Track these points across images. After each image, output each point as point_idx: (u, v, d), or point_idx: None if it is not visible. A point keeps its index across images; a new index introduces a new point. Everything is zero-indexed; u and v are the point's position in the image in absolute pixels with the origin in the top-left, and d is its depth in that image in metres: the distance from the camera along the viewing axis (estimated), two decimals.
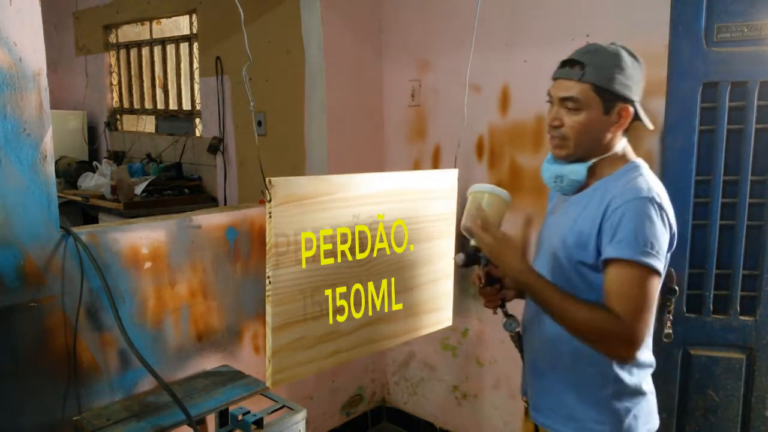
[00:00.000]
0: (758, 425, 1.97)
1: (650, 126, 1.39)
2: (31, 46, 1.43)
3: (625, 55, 1.32)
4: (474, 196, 1.50)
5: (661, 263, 1.27)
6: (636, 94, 1.34)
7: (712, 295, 1.99)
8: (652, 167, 2.13)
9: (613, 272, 1.26)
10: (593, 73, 1.29)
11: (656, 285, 1.27)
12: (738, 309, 1.97)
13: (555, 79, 1.37)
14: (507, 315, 1.47)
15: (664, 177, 2.00)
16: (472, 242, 1.50)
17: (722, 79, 1.90)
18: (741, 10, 1.86)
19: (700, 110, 1.94)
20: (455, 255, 1.50)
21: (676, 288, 1.97)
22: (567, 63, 1.34)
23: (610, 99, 1.31)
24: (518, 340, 1.49)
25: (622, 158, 1.39)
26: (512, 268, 1.32)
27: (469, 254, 1.49)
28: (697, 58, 1.91)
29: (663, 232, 1.27)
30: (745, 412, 1.98)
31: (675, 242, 1.34)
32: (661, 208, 1.28)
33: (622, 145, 1.39)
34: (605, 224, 1.28)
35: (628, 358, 1.29)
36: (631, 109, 1.34)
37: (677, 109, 1.96)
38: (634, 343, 1.25)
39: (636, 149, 2.20)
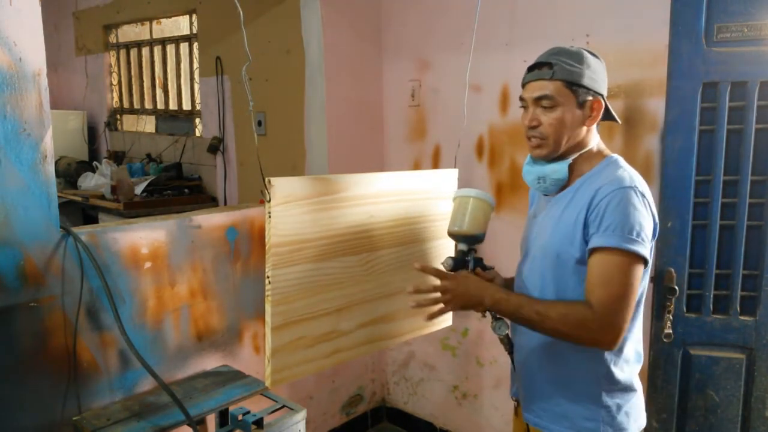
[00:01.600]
0: (758, 425, 1.97)
1: (619, 120, 1.47)
2: (31, 46, 1.43)
3: (586, 53, 1.39)
4: (460, 201, 1.52)
5: (646, 249, 1.29)
6: (604, 89, 1.40)
7: (712, 295, 1.99)
8: (651, 167, 2.15)
9: (596, 260, 1.29)
10: (562, 71, 1.35)
11: (639, 272, 1.29)
12: (738, 309, 1.97)
13: (526, 83, 1.41)
14: (495, 318, 1.47)
15: (664, 177, 2.00)
16: (460, 246, 1.50)
17: (722, 79, 1.90)
18: (741, 10, 1.86)
19: (700, 110, 1.94)
20: (443, 260, 1.51)
21: (676, 288, 1.97)
22: (535, 66, 1.39)
23: (582, 93, 1.36)
24: (507, 342, 1.49)
25: (599, 154, 1.43)
26: (487, 298, 1.38)
27: (456, 258, 1.49)
28: (697, 58, 1.91)
29: (647, 219, 1.30)
30: (745, 412, 1.98)
31: (657, 232, 1.37)
32: (643, 196, 1.31)
33: (596, 140, 1.44)
34: (590, 216, 1.31)
35: (611, 345, 1.29)
36: (603, 102, 1.39)
37: (677, 109, 1.96)
38: (612, 329, 1.26)
39: (636, 149, 2.22)
